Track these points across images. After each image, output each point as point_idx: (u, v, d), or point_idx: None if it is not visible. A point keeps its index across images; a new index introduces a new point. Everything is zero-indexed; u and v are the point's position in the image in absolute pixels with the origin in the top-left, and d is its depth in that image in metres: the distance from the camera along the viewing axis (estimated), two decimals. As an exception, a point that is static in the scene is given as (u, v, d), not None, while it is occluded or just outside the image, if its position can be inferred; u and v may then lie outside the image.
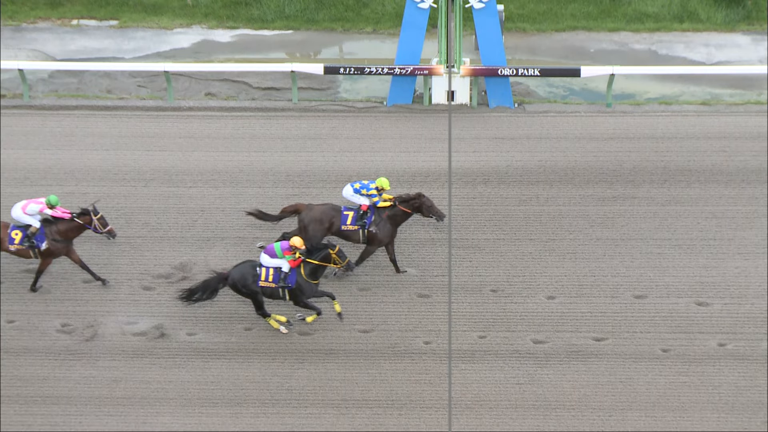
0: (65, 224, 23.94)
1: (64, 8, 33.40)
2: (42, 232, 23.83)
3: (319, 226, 24.29)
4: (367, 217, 24.32)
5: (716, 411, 22.18)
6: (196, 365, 23.11)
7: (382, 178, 24.52)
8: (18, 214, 23.81)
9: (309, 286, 23.20)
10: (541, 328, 23.75)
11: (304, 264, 23.16)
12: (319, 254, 23.12)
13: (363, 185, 24.40)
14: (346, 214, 24.39)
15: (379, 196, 24.38)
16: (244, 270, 23.15)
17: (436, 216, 24.27)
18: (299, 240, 23.04)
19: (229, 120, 29.39)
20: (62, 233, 23.97)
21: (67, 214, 23.93)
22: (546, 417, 22.12)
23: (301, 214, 24.44)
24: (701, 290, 24.49)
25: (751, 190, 26.90)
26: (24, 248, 23.89)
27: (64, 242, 24.01)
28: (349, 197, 24.44)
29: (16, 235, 23.84)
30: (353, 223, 24.32)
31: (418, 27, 29.29)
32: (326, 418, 22.17)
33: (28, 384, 22.72)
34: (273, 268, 23.08)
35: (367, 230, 24.30)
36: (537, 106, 29.98)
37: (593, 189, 27.07)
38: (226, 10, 33.32)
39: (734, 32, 32.46)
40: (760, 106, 29.64)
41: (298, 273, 23.12)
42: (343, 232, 24.42)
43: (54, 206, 23.89)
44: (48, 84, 30.99)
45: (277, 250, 23.10)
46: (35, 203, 23.85)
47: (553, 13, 33.09)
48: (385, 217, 24.38)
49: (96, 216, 23.87)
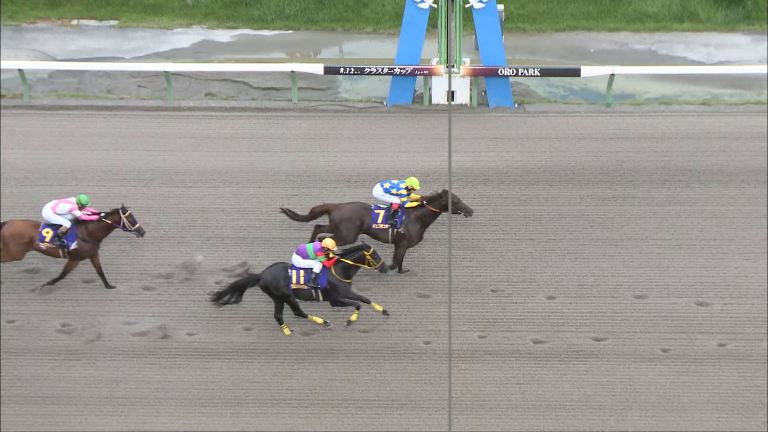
0: (94, 224, 24.00)
1: (64, 8, 33.40)
2: (73, 231, 23.89)
3: (350, 225, 24.30)
4: (398, 216, 24.31)
5: (716, 411, 22.18)
6: (196, 365, 23.11)
7: (411, 178, 24.53)
8: (48, 215, 23.85)
9: (343, 285, 23.15)
10: (541, 328, 23.75)
11: (336, 263, 23.12)
12: (354, 255, 23.12)
13: (393, 185, 24.41)
14: (376, 213, 24.40)
15: (408, 196, 24.38)
16: (276, 272, 23.09)
17: (464, 212, 24.29)
18: (331, 241, 23.01)
19: (229, 120, 29.39)
20: (91, 234, 24.03)
21: (95, 215, 23.97)
22: (546, 417, 22.13)
23: (332, 214, 24.45)
24: (701, 290, 24.50)
25: (751, 190, 26.90)
26: (54, 247, 23.95)
27: (92, 242, 24.07)
28: (380, 197, 24.47)
29: (47, 233, 23.88)
30: (383, 222, 24.34)
31: (418, 27, 29.29)
32: (326, 418, 22.17)
33: (28, 384, 22.72)
34: (304, 269, 23.05)
35: (396, 230, 24.30)
36: (537, 106, 29.98)
37: (593, 189, 27.07)
38: (226, 10, 33.32)
39: (734, 32, 32.46)
40: (760, 106, 29.64)
41: (329, 273, 23.08)
42: (373, 230, 24.43)
43: (84, 206, 23.94)
44: (48, 84, 30.99)
45: (309, 250, 23.05)
46: (65, 203, 23.91)
47: (553, 13, 33.09)
48: (413, 218, 24.38)
49: (124, 214, 23.91)
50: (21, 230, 23.91)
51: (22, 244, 23.89)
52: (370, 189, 26.82)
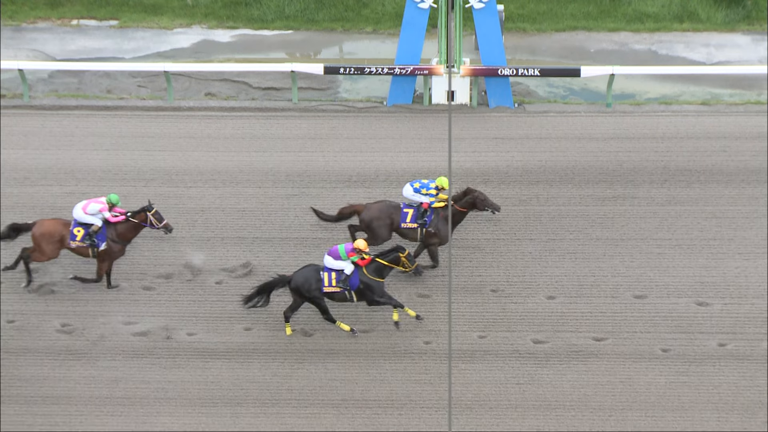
0: (123, 225, 24.03)
1: (64, 8, 33.39)
2: (103, 232, 23.91)
3: (381, 223, 24.35)
4: (427, 216, 24.33)
5: (716, 411, 22.19)
6: (196, 365, 23.11)
7: (441, 178, 24.55)
8: (79, 215, 23.90)
9: (377, 284, 23.13)
10: (541, 328, 23.75)
11: (370, 263, 23.10)
12: (389, 256, 23.11)
13: (423, 184, 24.43)
14: (405, 212, 24.44)
15: (436, 196, 24.39)
16: (308, 274, 23.05)
17: (492, 208, 24.32)
18: (363, 242, 23.02)
19: (229, 120, 29.39)
20: (120, 234, 24.08)
21: (122, 215, 23.99)
22: (546, 417, 22.13)
23: (362, 215, 24.50)
24: (701, 290, 24.50)
25: (751, 190, 26.90)
26: (84, 246, 23.98)
27: (121, 243, 24.11)
28: (410, 197, 24.49)
29: (78, 232, 23.93)
30: (413, 221, 24.37)
31: (418, 27, 29.29)
32: (326, 418, 22.17)
33: (28, 384, 22.72)
34: (336, 271, 23.03)
35: (425, 230, 24.31)
36: (537, 106, 29.98)
37: (593, 189, 27.07)
38: (226, 10, 33.31)
39: (734, 32, 32.45)
40: (760, 106, 29.63)
41: (362, 273, 23.07)
42: (402, 229, 24.46)
43: (114, 205, 23.98)
44: (48, 84, 30.99)
45: (341, 251, 23.04)
46: (96, 203, 23.96)
47: (553, 13, 33.08)
48: (442, 217, 24.40)
49: (150, 212, 23.92)
50: (51, 229, 23.98)
51: (55, 242, 23.96)
52: (370, 189, 26.90)
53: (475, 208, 24.44)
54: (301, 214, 26.26)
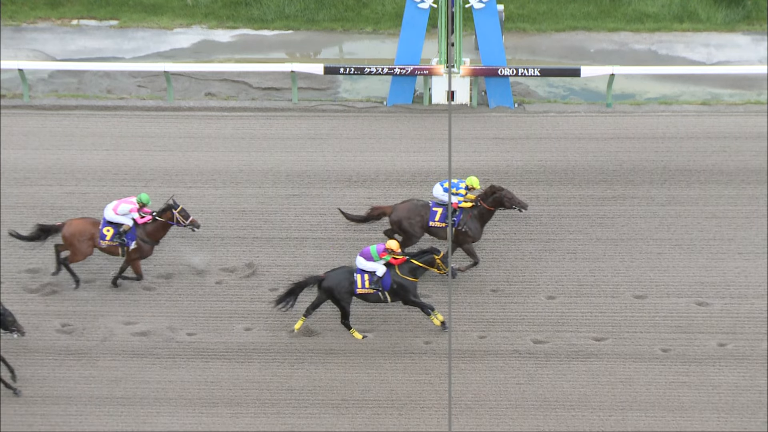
0: (151, 225, 24.06)
1: (64, 8, 33.39)
2: (133, 231, 23.94)
3: (412, 221, 24.34)
4: (456, 215, 24.32)
5: (716, 411, 22.18)
6: (196, 365, 23.11)
7: (471, 177, 24.56)
8: (110, 216, 23.93)
9: (411, 283, 23.11)
10: (541, 328, 23.75)
11: (405, 263, 23.08)
12: (424, 257, 23.09)
13: (453, 184, 24.40)
14: (434, 210, 24.43)
15: (465, 195, 24.38)
16: (341, 276, 23.00)
17: (519, 206, 24.31)
18: (395, 243, 23.00)
19: (229, 120, 29.40)
20: (150, 234, 24.11)
21: (148, 216, 24.00)
22: (546, 417, 22.12)
23: (391, 217, 24.49)
24: (701, 290, 24.50)
25: (751, 190, 26.90)
26: (114, 245, 24.02)
27: (151, 243, 24.14)
28: (440, 197, 24.46)
29: (107, 231, 23.96)
30: (441, 220, 24.36)
31: (418, 27, 29.30)
32: (326, 418, 22.17)
33: (28, 384, 22.71)
34: (368, 272, 23.03)
35: (456, 229, 24.31)
36: (537, 106, 29.98)
37: (593, 189, 27.07)
38: (226, 10, 33.32)
39: (734, 32, 32.46)
40: (760, 106, 29.64)
41: (394, 273, 23.05)
42: (431, 228, 24.46)
43: (144, 204, 24.02)
44: (48, 84, 30.99)
45: (373, 252, 23.02)
46: (126, 203, 24.01)
47: (553, 13, 33.09)
48: (470, 217, 24.39)
49: (176, 210, 23.94)
50: (81, 228, 24.04)
51: (87, 240, 24.01)
52: (370, 189, 26.92)
53: (502, 206, 24.43)
54: (301, 214, 26.27)
